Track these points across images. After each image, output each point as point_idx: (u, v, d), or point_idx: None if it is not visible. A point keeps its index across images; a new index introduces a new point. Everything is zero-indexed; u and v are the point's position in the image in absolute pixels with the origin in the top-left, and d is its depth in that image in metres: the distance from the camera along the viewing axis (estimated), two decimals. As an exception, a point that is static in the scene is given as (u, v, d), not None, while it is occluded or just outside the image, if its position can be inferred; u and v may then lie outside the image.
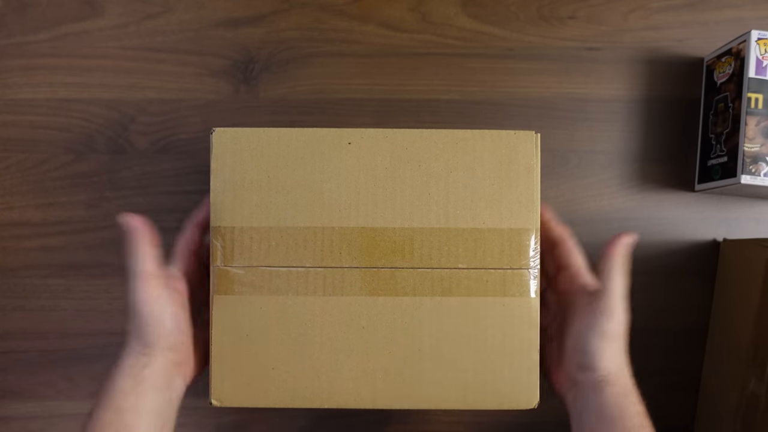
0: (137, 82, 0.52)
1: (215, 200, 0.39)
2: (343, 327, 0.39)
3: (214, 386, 0.39)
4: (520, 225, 0.39)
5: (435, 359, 0.39)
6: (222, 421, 0.53)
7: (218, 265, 0.39)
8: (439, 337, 0.39)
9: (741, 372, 0.46)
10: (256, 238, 0.39)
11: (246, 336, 0.39)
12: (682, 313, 0.53)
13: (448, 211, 0.39)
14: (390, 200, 0.39)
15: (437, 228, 0.39)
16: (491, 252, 0.39)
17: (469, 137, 0.39)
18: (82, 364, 0.52)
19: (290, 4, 0.53)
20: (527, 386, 0.39)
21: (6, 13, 0.52)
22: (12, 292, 0.52)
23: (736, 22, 0.53)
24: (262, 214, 0.39)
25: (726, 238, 0.52)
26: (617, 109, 0.53)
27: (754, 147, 0.46)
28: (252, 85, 0.52)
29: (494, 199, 0.39)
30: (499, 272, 0.39)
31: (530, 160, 0.39)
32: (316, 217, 0.39)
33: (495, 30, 0.53)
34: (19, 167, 0.52)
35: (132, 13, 0.52)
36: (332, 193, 0.39)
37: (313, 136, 0.39)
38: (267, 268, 0.39)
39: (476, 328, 0.39)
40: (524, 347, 0.39)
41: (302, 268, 0.39)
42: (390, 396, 0.39)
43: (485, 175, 0.39)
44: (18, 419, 0.52)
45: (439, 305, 0.39)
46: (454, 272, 0.39)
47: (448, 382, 0.39)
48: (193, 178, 0.52)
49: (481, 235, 0.39)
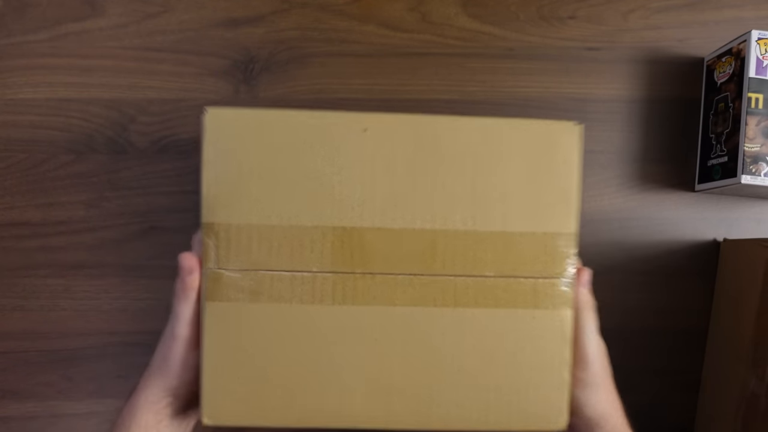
0: (137, 82, 0.52)
1: (208, 192, 0.34)
2: (354, 339, 0.35)
3: (205, 402, 0.34)
4: (557, 229, 0.34)
5: (455, 376, 0.35)
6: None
7: (211, 267, 0.34)
8: (461, 352, 0.35)
9: (741, 372, 0.46)
10: (255, 238, 0.34)
11: (242, 348, 0.34)
12: (682, 313, 0.53)
13: (475, 212, 0.34)
14: (410, 198, 0.34)
15: (463, 231, 0.34)
16: (523, 259, 0.34)
17: (502, 126, 0.34)
18: (82, 364, 0.52)
19: (290, 4, 0.53)
20: (556, 407, 0.35)
21: (6, 13, 0.52)
22: (12, 292, 0.52)
23: (736, 22, 0.53)
24: (262, 209, 0.34)
25: (726, 238, 0.52)
26: (617, 109, 0.53)
27: (755, 147, 0.46)
28: (252, 85, 0.52)
29: (528, 198, 0.34)
30: (530, 281, 0.35)
31: (570, 155, 0.34)
32: (326, 214, 0.34)
33: (495, 30, 0.53)
34: (19, 167, 0.52)
35: (132, 13, 0.52)
36: (344, 188, 0.34)
37: (323, 121, 0.34)
38: (268, 272, 0.34)
39: (503, 343, 0.35)
40: (555, 364, 0.35)
41: (308, 273, 0.34)
42: (405, 416, 0.35)
43: (518, 171, 0.34)
44: (18, 419, 0.52)
45: (462, 317, 0.35)
46: (480, 281, 0.35)
47: (469, 401, 0.35)
48: (193, 178, 0.52)
49: (511, 239, 0.34)
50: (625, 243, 0.52)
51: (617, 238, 0.52)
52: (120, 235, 0.52)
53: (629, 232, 0.52)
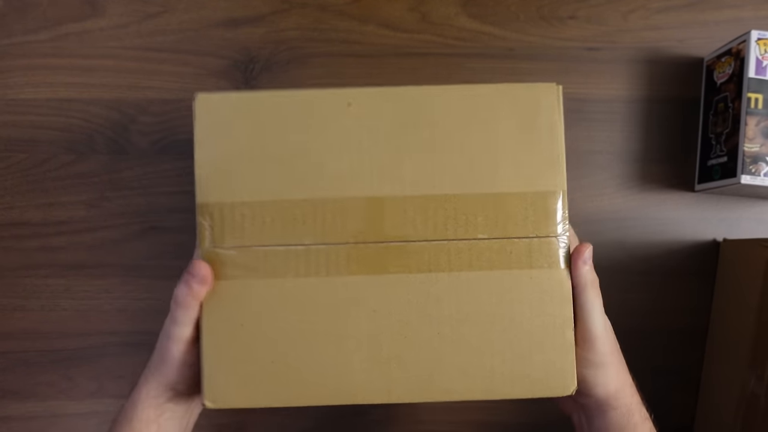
0: (138, 82, 0.52)
1: (200, 174, 0.35)
2: (351, 311, 0.34)
3: (207, 385, 0.34)
4: (545, 188, 0.35)
5: (456, 344, 0.34)
6: (223, 422, 0.53)
7: (207, 248, 0.34)
8: (460, 318, 0.35)
9: (741, 372, 0.46)
10: (248, 215, 0.34)
11: (241, 326, 0.34)
12: (682, 313, 0.53)
13: (463, 175, 0.35)
14: (397, 166, 0.35)
15: (452, 195, 0.35)
16: (514, 219, 0.35)
17: (484, 92, 0.35)
18: (82, 364, 0.52)
19: (290, 4, 0.53)
20: (562, 370, 0.34)
21: (7, 13, 0.52)
22: (12, 292, 0.52)
23: (736, 22, 0.53)
24: (254, 186, 0.35)
25: (726, 238, 0.52)
26: (617, 109, 0.53)
27: (754, 147, 0.46)
28: (252, 85, 0.52)
29: (515, 160, 0.35)
30: (524, 241, 0.35)
31: (553, 115, 0.35)
32: (315, 188, 0.34)
33: (495, 30, 0.53)
34: (20, 167, 0.52)
35: (132, 13, 0.52)
36: (332, 162, 0.34)
37: (308, 98, 0.35)
38: (262, 247, 0.35)
39: (501, 306, 0.35)
40: (557, 325, 0.34)
41: (301, 246, 0.35)
42: (407, 388, 0.35)
43: (504, 134, 0.35)
44: (18, 419, 0.52)
45: (457, 281, 0.35)
46: (473, 243, 0.35)
47: (472, 369, 0.34)
48: (193, 179, 0.52)
49: (502, 200, 0.35)
50: (625, 243, 0.52)
51: (617, 238, 0.52)
52: (120, 235, 0.52)
53: (629, 232, 0.52)
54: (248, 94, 0.35)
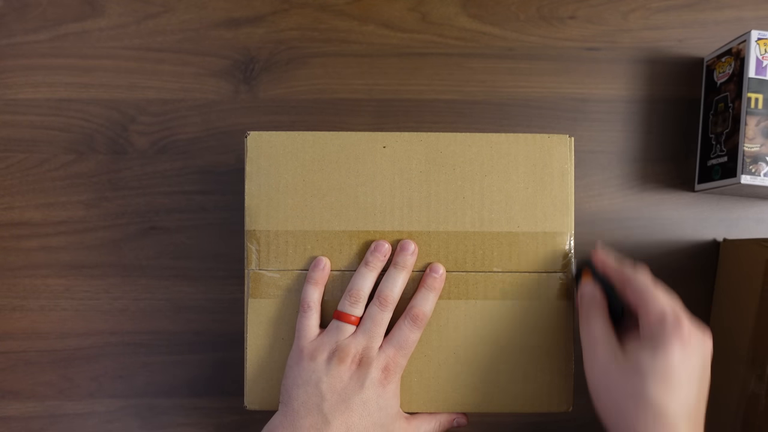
0: (137, 82, 0.52)
1: (250, 204, 0.39)
2: None
3: (248, 389, 0.40)
4: (555, 228, 0.39)
5: (469, 363, 0.39)
6: (223, 421, 0.53)
7: (253, 269, 0.39)
8: (474, 341, 0.39)
9: (741, 372, 0.46)
10: (291, 242, 0.39)
11: (281, 339, 0.40)
12: (682, 313, 0.53)
13: (482, 215, 0.39)
14: (425, 204, 0.39)
15: (472, 232, 0.39)
16: (526, 256, 0.39)
17: (504, 141, 0.39)
18: (82, 364, 0.52)
19: (290, 4, 0.53)
20: (562, 390, 0.39)
21: (6, 13, 0.52)
22: (12, 292, 0.52)
23: (736, 22, 0.53)
24: (297, 217, 0.39)
25: (726, 238, 0.52)
26: (617, 109, 0.53)
27: (754, 147, 0.46)
28: (252, 85, 0.52)
29: (529, 202, 0.39)
30: (533, 275, 0.39)
31: (564, 164, 0.39)
32: (352, 220, 0.39)
33: (495, 30, 0.53)
34: (19, 167, 0.52)
35: (132, 13, 0.52)
36: (367, 197, 0.39)
37: (347, 140, 0.39)
38: (302, 272, 0.39)
39: (510, 331, 0.39)
40: (560, 351, 0.39)
41: (338, 272, 0.39)
42: (424, 399, 0.39)
43: (519, 179, 0.39)
44: (18, 419, 0.52)
45: (474, 308, 0.39)
46: (488, 275, 0.39)
47: (482, 385, 0.39)
48: (193, 178, 0.52)
49: (515, 238, 0.39)
50: (625, 243, 0.52)
51: (617, 238, 0.52)
52: (120, 235, 0.52)
53: (629, 232, 0.52)
54: (295, 134, 0.39)
